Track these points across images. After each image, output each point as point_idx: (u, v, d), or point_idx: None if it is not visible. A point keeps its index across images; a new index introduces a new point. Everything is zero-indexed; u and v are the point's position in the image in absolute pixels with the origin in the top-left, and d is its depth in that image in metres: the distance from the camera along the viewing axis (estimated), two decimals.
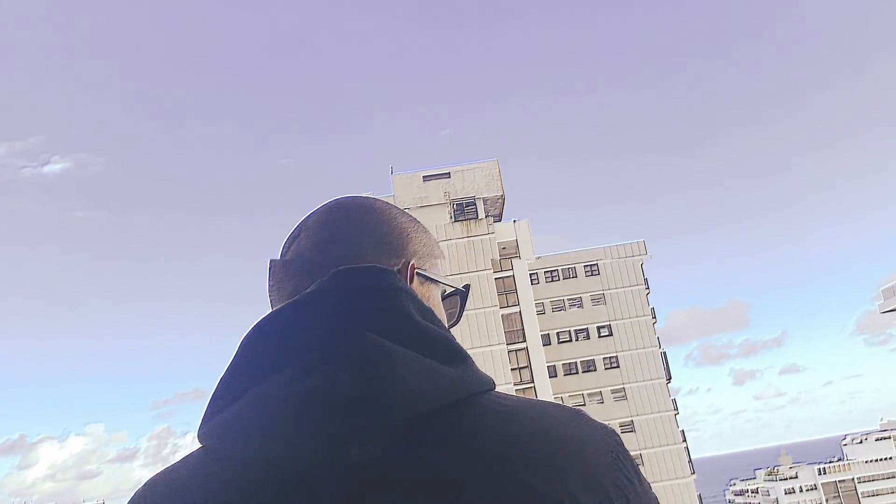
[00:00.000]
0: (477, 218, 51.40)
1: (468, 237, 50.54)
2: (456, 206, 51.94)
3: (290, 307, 0.71)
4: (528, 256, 51.88)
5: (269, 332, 0.71)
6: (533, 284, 53.57)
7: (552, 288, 59.03)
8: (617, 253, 58.65)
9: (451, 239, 50.48)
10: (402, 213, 0.84)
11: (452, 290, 0.85)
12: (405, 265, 0.78)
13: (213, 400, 0.70)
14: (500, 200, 52.83)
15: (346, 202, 0.83)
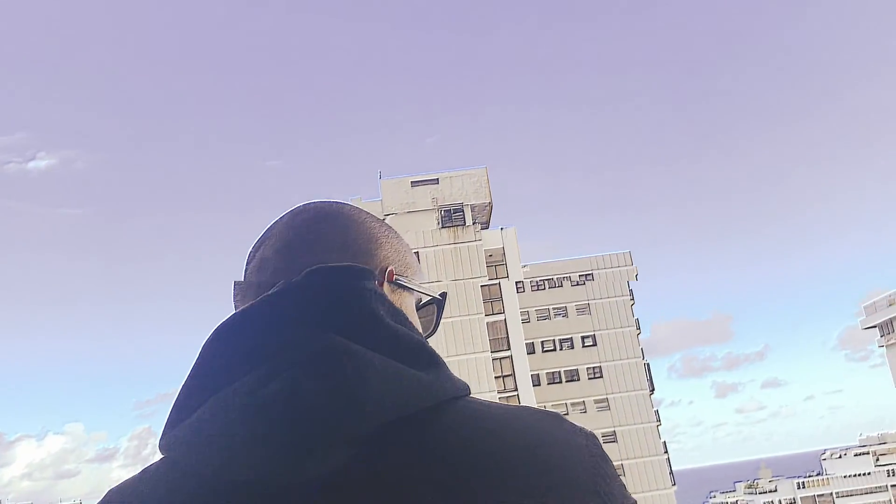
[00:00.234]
0: (464, 225, 51.40)
1: (455, 244, 50.51)
2: (444, 212, 51.98)
3: (251, 309, 0.67)
4: (514, 264, 51.89)
5: (229, 335, 0.67)
6: (518, 293, 53.61)
7: (537, 297, 59.11)
8: (602, 263, 58.83)
9: (438, 245, 50.49)
10: (372, 218, 0.79)
11: (429, 298, 0.80)
12: (381, 270, 0.74)
13: (174, 409, 0.66)
14: (487, 208, 52.86)
15: (312, 206, 0.79)
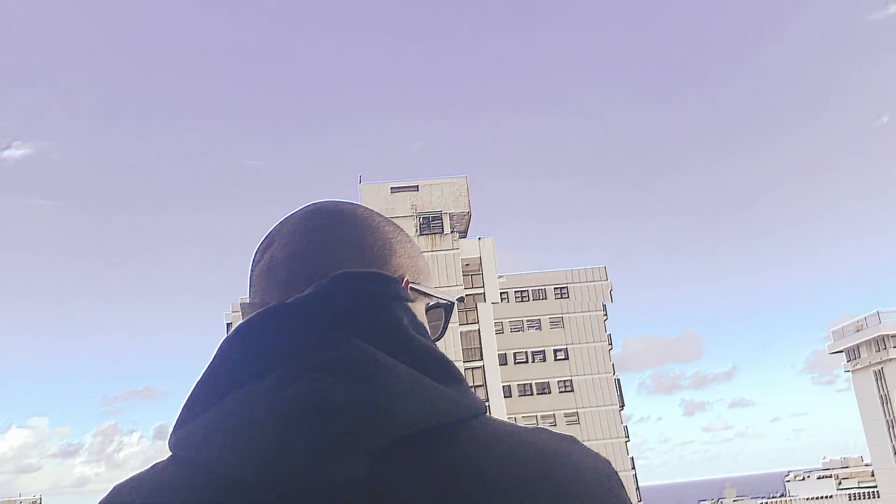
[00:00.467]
0: (442, 233, 51.45)
1: (433, 251, 50.47)
2: (422, 219, 51.85)
3: (276, 310, 0.65)
4: (491, 274, 51.95)
5: (252, 335, 0.65)
6: (493, 304, 53.67)
7: (511, 308, 59.19)
8: (578, 277, 59.09)
9: None
10: (386, 221, 0.78)
11: (442, 302, 0.78)
12: (399, 278, 0.71)
13: (186, 406, 0.65)
14: (466, 217, 52.92)
15: (324, 207, 0.76)
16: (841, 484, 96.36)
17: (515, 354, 58.25)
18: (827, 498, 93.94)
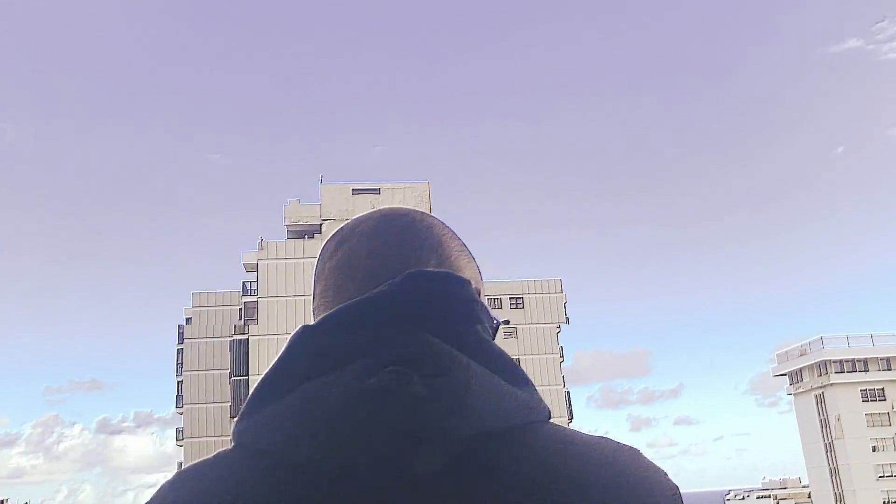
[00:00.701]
0: None
1: None
2: None
3: (354, 305, 0.66)
4: None
5: (329, 328, 0.66)
6: None
7: None
8: (534, 288, 59.41)
9: None
10: (456, 236, 0.79)
11: (494, 323, 0.78)
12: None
13: (253, 397, 0.65)
14: None
15: (400, 211, 0.78)
16: None
17: None
18: None
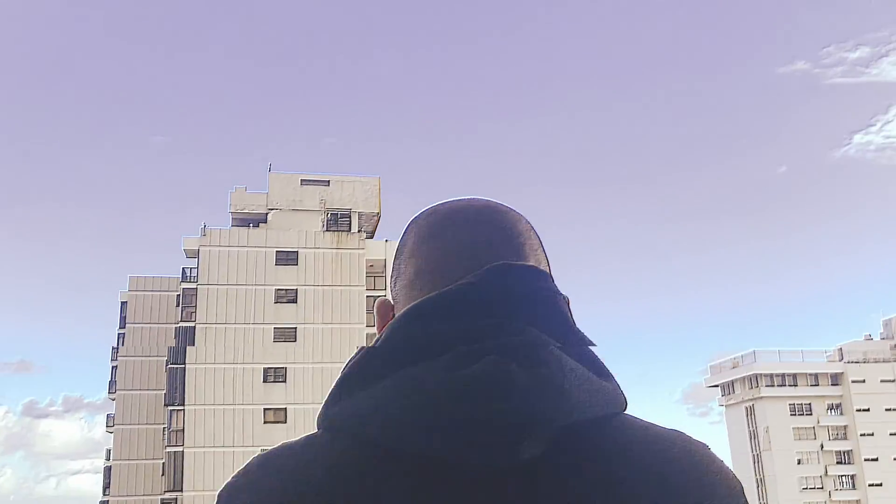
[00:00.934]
0: (350, 231, 50.54)
1: (338, 249, 49.49)
2: (330, 215, 50.71)
3: (451, 293, 0.67)
4: None
5: (426, 315, 0.67)
6: None
7: None
8: None
9: (319, 248, 49.22)
10: (535, 230, 0.81)
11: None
12: None
13: (342, 383, 0.66)
14: (375, 217, 52.26)
15: (488, 202, 0.78)
16: None
17: None
18: None
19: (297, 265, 48.70)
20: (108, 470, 51.97)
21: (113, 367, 54.78)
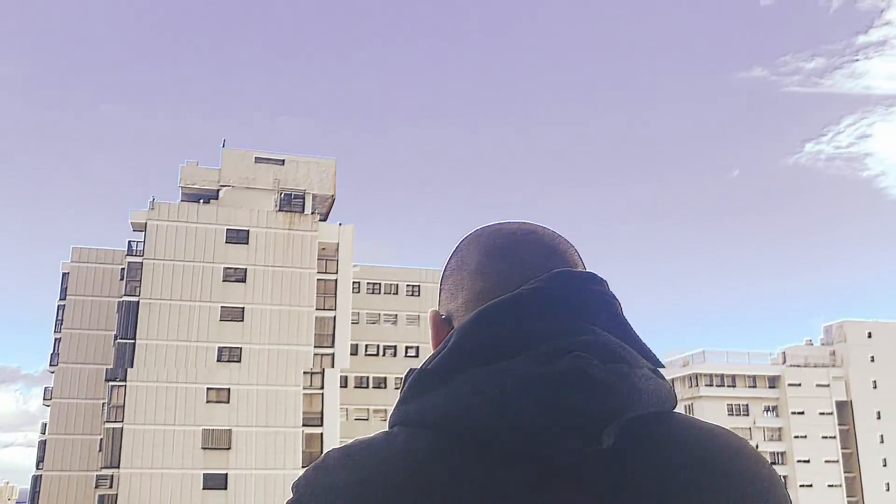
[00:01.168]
0: (303, 213, 50.06)
1: (290, 230, 48.96)
2: (284, 195, 50.15)
3: (521, 296, 0.73)
4: (346, 262, 51.14)
5: (495, 318, 0.71)
6: (353, 293, 52.78)
7: (371, 300, 58.62)
8: (431, 277, 59.42)
9: (271, 228, 48.61)
10: None
11: None
12: None
13: (423, 378, 0.70)
14: (329, 200, 51.77)
15: (549, 230, 0.86)
16: None
17: (367, 346, 57.65)
18: None
19: (247, 244, 48.02)
20: (42, 444, 50.73)
21: (56, 339, 53.38)
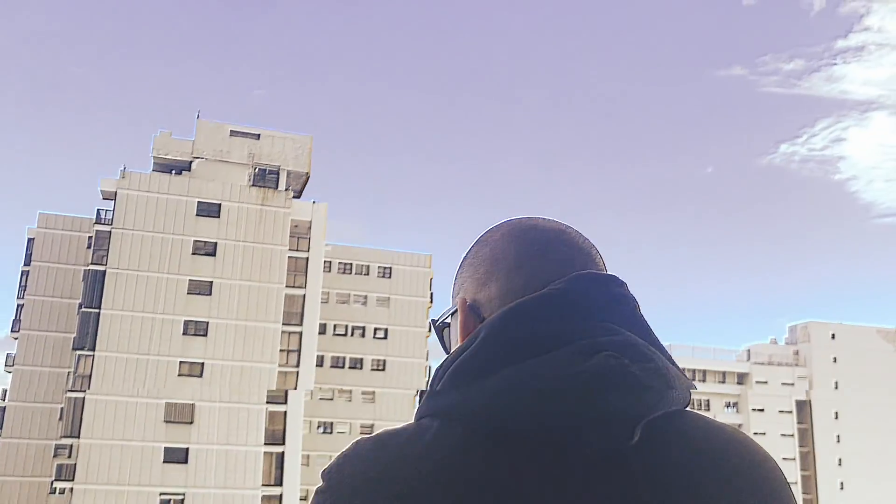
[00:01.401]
0: (276, 189, 49.50)
1: (263, 206, 48.46)
2: (258, 170, 49.50)
3: (548, 296, 0.76)
4: (318, 241, 50.78)
5: (526, 315, 0.74)
6: (324, 272, 52.50)
7: (342, 280, 58.41)
8: (403, 260, 59.43)
9: (243, 203, 47.98)
10: None
11: None
12: None
13: (456, 373, 0.72)
14: (304, 177, 51.23)
15: (574, 229, 0.88)
16: None
17: (336, 326, 57.52)
18: None
19: (218, 218, 47.43)
20: (2, 410, 50.09)
21: (18, 304, 52.51)
